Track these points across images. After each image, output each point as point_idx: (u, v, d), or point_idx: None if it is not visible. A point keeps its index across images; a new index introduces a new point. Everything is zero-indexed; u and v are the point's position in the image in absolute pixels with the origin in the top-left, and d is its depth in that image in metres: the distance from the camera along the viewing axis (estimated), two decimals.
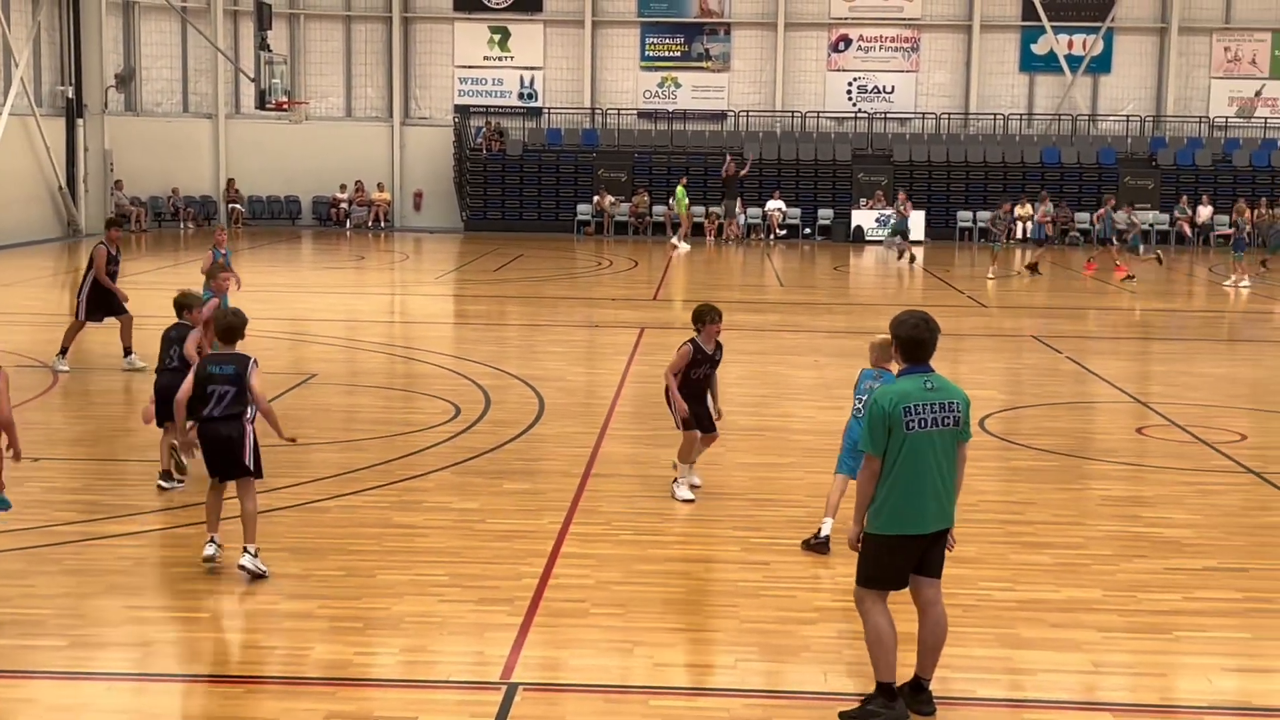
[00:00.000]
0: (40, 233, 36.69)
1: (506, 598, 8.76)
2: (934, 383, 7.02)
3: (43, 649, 7.85)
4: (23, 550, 9.64)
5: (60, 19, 38.45)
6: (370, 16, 44.18)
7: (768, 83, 43.88)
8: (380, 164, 44.11)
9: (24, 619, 8.25)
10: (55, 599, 8.61)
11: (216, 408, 9.20)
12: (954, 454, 7.10)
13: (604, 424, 14.28)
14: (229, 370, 9.23)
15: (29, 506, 10.87)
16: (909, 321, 7.06)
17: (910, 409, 6.92)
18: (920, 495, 6.98)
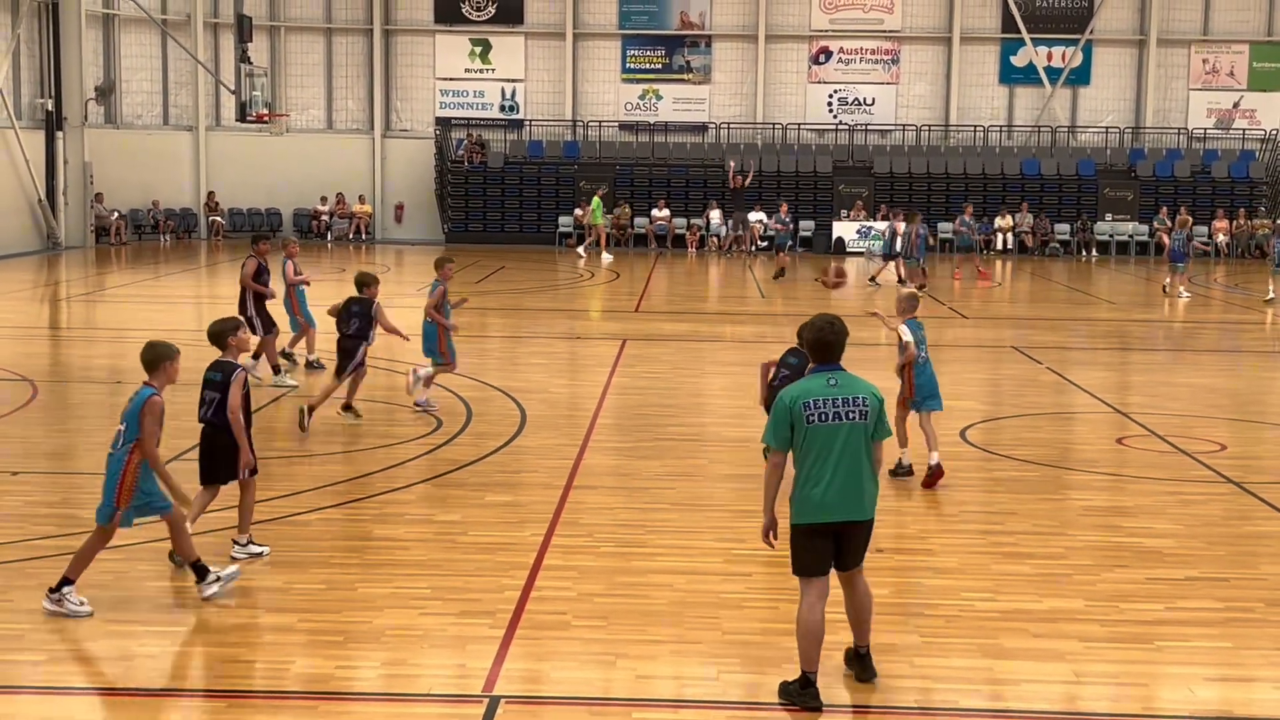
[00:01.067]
0: (19, 245, 36.55)
1: (488, 610, 8.74)
2: (838, 380, 7.39)
3: (21, 663, 7.81)
4: (1, 564, 9.59)
5: (39, 31, 38.34)
6: (351, 29, 44.17)
7: (749, 95, 43.99)
8: (361, 176, 44.08)
9: (2, 633, 8.20)
10: (34, 613, 8.56)
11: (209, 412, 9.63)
12: (864, 448, 7.39)
13: (586, 436, 14.27)
14: (216, 377, 9.65)
15: (7, 520, 10.82)
16: (815, 324, 7.53)
17: (810, 404, 7.31)
18: (823, 485, 7.31)
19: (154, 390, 8.75)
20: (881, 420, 7.45)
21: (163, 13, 42.01)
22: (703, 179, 42.66)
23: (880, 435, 7.46)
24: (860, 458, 7.36)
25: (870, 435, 7.40)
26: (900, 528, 10.70)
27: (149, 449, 8.57)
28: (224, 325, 9.92)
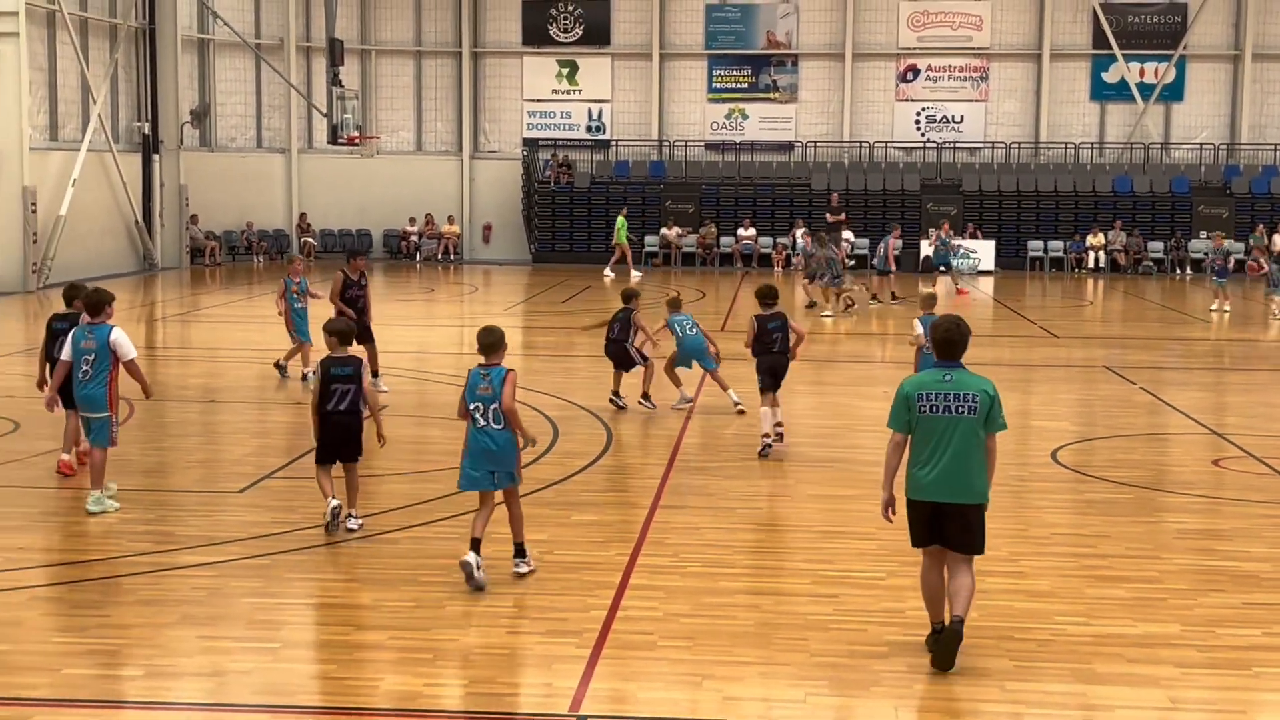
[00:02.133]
0: (117, 266, 37.30)
1: (575, 630, 8.76)
2: (953, 376, 8.23)
3: (119, 679, 7.94)
4: (99, 581, 9.78)
5: (137, 56, 39.17)
6: (440, 51, 44.65)
7: (835, 113, 43.85)
8: (450, 197, 44.51)
9: (100, 649, 8.35)
10: (131, 629, 8.71)
11: (342, 402, 10.87)
12: (972, 439, 8.15)
13: (672, 455, 14.26)
14: (348, 371, 10.93)
15: (104, 537, 11.02)
16: (944, 325, 8.39)
17: (924, 395, 8.20)
18: (927, 468, 8.17)
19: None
20: (993, 415, 8.19)
21: (257, 37, 42.75)
22: (789, 198, 42.55)
23: (992, 429, 8.20)
24: (967, 448, 8.13)
25: (980, 428, 8.14)
26: (990, 550, 10.56)
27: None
28: (350, 326, 11.62)
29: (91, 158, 35.65)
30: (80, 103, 36.05)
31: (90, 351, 11.68)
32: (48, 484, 12.80)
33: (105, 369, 11.68)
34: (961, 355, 8.32)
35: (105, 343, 11.63)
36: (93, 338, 11.71)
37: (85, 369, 11.70)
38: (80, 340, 11.75)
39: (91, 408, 11.81)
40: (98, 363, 11.66)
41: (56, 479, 12.91)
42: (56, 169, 34.29)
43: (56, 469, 13.04)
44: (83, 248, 35.19)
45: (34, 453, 14.01)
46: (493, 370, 9.97)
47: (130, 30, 38.25)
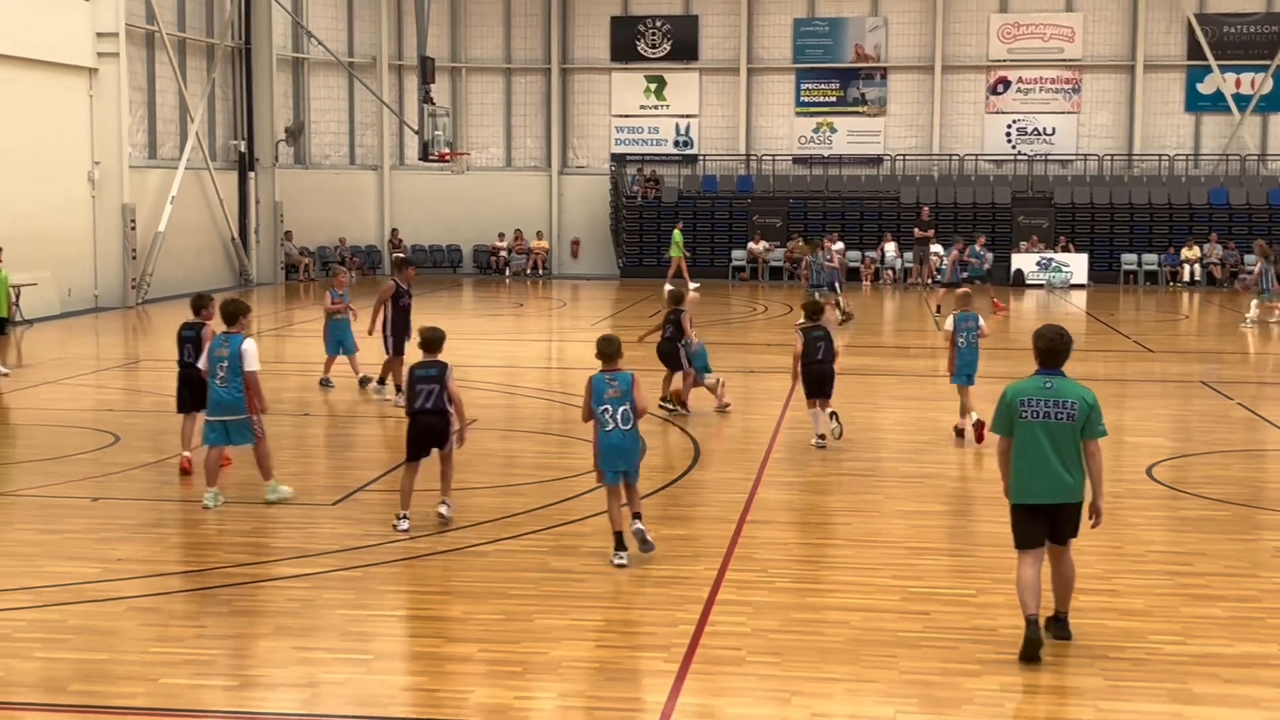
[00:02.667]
0: (214, 282, 37.94)
1: (663, 644, 8.77)
2: (1054, 384, 8.57)
3: (214, 689, 8.08)
4: (195, 592, 9.95)
5: (233, 75, 39.89)
6: (529, 69, 45.00)
7: (925, 126, 43.58)
8: (538, 212, 44.80)
9: (197, 659, 8.50)
10: (226, 640, 8.86)
11: (428, 402, 11.57)
12: (1071, 443, 8.50)
13: (760, 469, 14.24)
14: (432, 373, 11.60)
15: (202, 548, 11.23)
16: (1047, 335, 8.68)
17: (1026, 402, 8.55)
18: (1030, 473, 8.53)
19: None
20: (1091, 422, 8.54)
21: (350, 55, 43.36)
22: (878, 211, 42.34)
23: (1090, 435, 8.54)
24: (1066, 452, 8.49)
25: (1079, 434, 8.50)
26: (1083, 567, 10.43)
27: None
28: (439, 333, 12.05)
29: (189, 175, 36.33)
30: (178, 122, 36.77)
31: (224, 359, 12.37)
32: (146, 496, 13.07)
33: (239, 375, 12.34)
34: (1063, 364, 8.66)
35: (236, 351, 12.32)
36: (227, 346, 12.41)
37: (221, 375, 12.38)
38: (216, 348, 12.49)
39: (229, 411, 12.42)
40: (231, 369, 12.34)
41: (155, 489, 13.18)
42: (155, 187, 34.99)
43: (180, 468, 13.76)
44: (180, 264, 35.86)
45: (134, 465, 14.30)
46: (618, 375, 10.93)
47: (227, 50, 38.97)
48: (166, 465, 14.36)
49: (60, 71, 30.94)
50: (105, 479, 13.66)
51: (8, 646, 8.66)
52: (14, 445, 16.24)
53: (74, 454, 14.91)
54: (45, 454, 14.96)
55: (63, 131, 31.20)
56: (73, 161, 31.75)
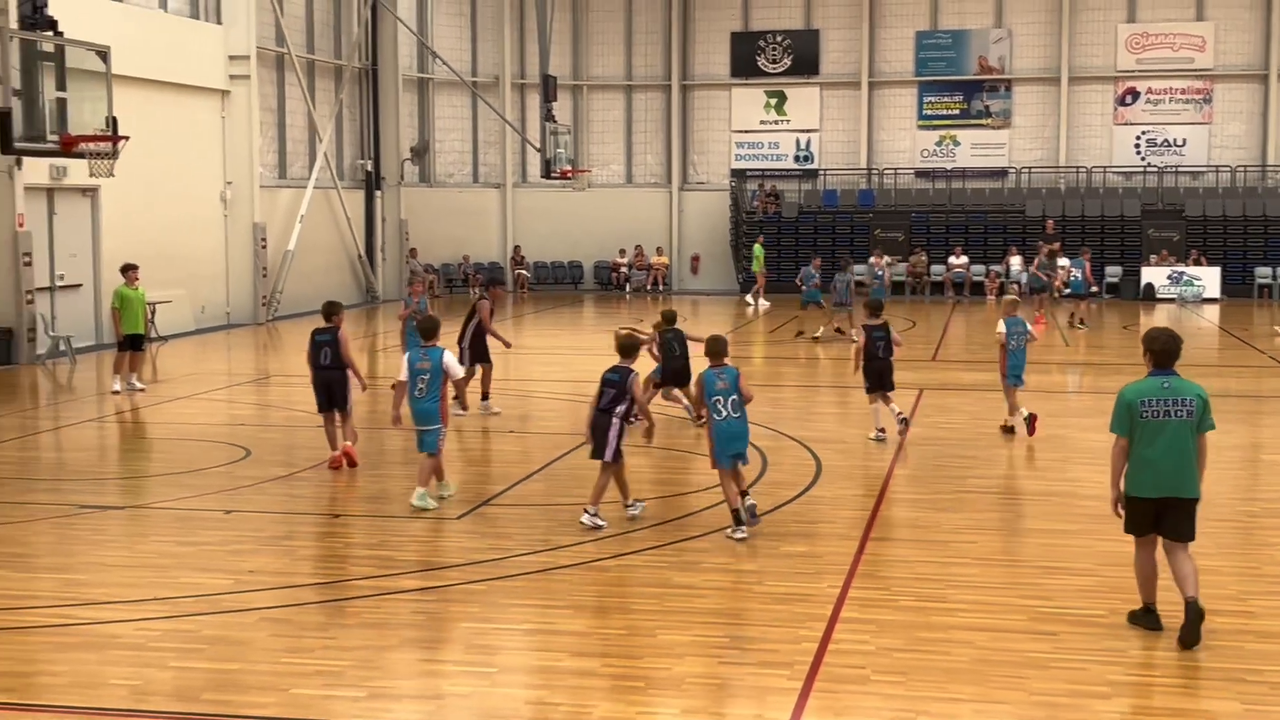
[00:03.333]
0: (340, 298, 38.16)
1: (786, 661, 8.73)
2: (1171, 383, 9.07)
3: (343, 699, 8.20)
4: (324, 604, 10.13)
5: (360, 96, 40.65)
6: (650, 85, 45.20)
7: (1051, 138, 42.94)
8: (659, 228, 44.93)
9: (325, 670, 8.64)
10: (354, 651, 8.99)
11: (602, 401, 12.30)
12: (1189, 439, 8.99)
13: (883, 486, 14.12)
14: (616, 377, 12.31)
15: (329, 561, 11.42)
16: (1161, 336, 9.22)
17: (1146, 402, 9.01)
18: (1151, 469, 8.99)
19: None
20: (1205, 416, 9.04)
21: (473, 75, 43.93)
22: (1002, 225, 41.79)
23: (1205, 428, 9.04)
24: (1185, 447, 8.97)
25: (1195, 429, 8.98)
26: (1219, 588, 10.17)
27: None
28: (636, 340, 13.04)
29: (318, 194, 37.06)
30: (307, 142, 37.55)
31: (425, 371, 13.01)
32: (277, 509, 13.33)
33: (438, 386, 13.01)
34: (1175, 364, 9.17)
35: (439, 363, 12.99)
36: (427, 359, 13.04)
37: (421, 386, 13.01)
38: (416, 361, 13.10)
39: (426, 420, 13.05)
40: (432, 380, 12.99)
41: (286, 502, 13.45)
42: (285, 206, 35.75)
43: (329, 465, 14.83)
44: (309, 281, 36.56)
45: (265, 478, 14.61)
46: (725, 370, 12.02)
47: (354, 71, 39.72)
48: (297, 479, 14.65)
49: (194, 94, 31.77)
50: (237, 492, 13.97)
51: (144, 656, 8.88)
52: (150, 459, 16.68)
53: (208, 468, 15.27)
54: (180, 468, 15.34)
55: (196, 152, 32.03)
56: (206, 182, 32.56)
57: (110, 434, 18.71)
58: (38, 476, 15.23)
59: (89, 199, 28.05)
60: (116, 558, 11.47)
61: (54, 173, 26.52)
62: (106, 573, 10.99)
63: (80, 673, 8.57)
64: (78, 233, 27.94)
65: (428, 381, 13.01)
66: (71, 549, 11.90)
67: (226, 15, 32.99)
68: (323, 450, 15.46)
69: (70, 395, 22.07)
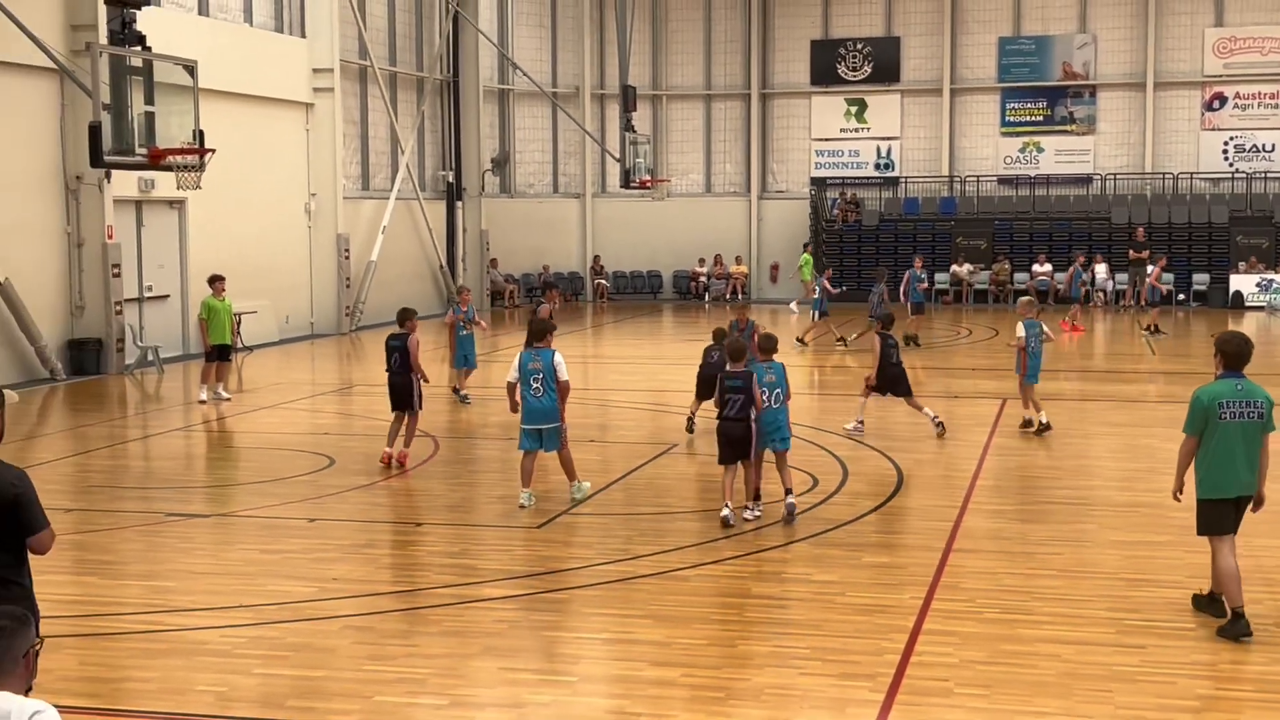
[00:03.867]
0: (422, 309, 38.57)
1: (868, 673, 8.66)
2: (1243, 385, 9.43)
3: (425, 707, 8.25)
4: (407, 611, 10.20)
5: (442, 108, 40.99)
6: (730, 94, 45.15)
7: (1136, 144, 42.34)
8: (738, 237, 44.85)
9: (408, 677, 8.70)
10: (436, 659, 9.04)
11: (732, 410, 12.72)
12: (1258, 440, 9.40)
13: (965, 497, 13.98)
14: (738, 383, 12.74)
15: (412, 569, 11.50)
16: (1234, 339, 9.59)
17: (1223, 404, 9.34)
18: (1225, 469, 9.34)
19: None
20: (1270, 417, 9.41)
21: (553, 86, 44.15)
22: (1087, 232, 41.26)
23: (1270, 429, 9.42)
24: (1251, 448, 9.37)
25: (1262, 429, 9.38)
26: None
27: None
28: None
29: (399, 205, 37.40)
30: (390, 153, 37.92)
31: (538, 372, 13.44)
32: (359, 517, 13.46)
33: (552, 385, 13.43)
34: (1245, 367, 9.52)
35: (549, 364, 13.43)
36: (539, 360, 13.47)
37: (536, 386, 13.45)
38: (528, 362, 13.50)
39: (546, 419, 13.50)
40: (546, 380, 13.43)
41: (368, 511, 13.57)
42: (368, 217, 36.11)
43: (380, 460, 15.47)
44: (391, 291, 36.82)
45: (348, 487, 14.75)
46: (773, 365, 13.22)
47: (436, 83, 40.06)
48: (379, 487, 14.78)
49: (279, 107, 32.20)
50: (321, 500, 14.12)
51: (229, 663, 9.00)
52: (236, 467, 16.91)
53: (292, 476, 15.45)
54: (265, 476, 15.53)
55: (281, 165, 32.45)
56: (290, 193, 32.98)
57: (197, 443, 18.99)
58: (126, 485, 15.48)
59: (176, 211, 28.52)
60: (203, 565, 11.64)
61: (142, 185, 26.98)
62: (193, 580, 11.15)
63: (168, 679, 8.69)
64: (165, 244, 28.41)
65: (542, 381, 13.42)
66: (159, 556, 12.08)
67: (310, 29, 33.41)
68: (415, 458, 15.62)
69: (158, 404, 22.43)
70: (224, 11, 30.47)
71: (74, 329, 25.48)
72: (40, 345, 24.23)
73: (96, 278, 25.45)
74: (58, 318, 25.21)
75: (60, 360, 24.77)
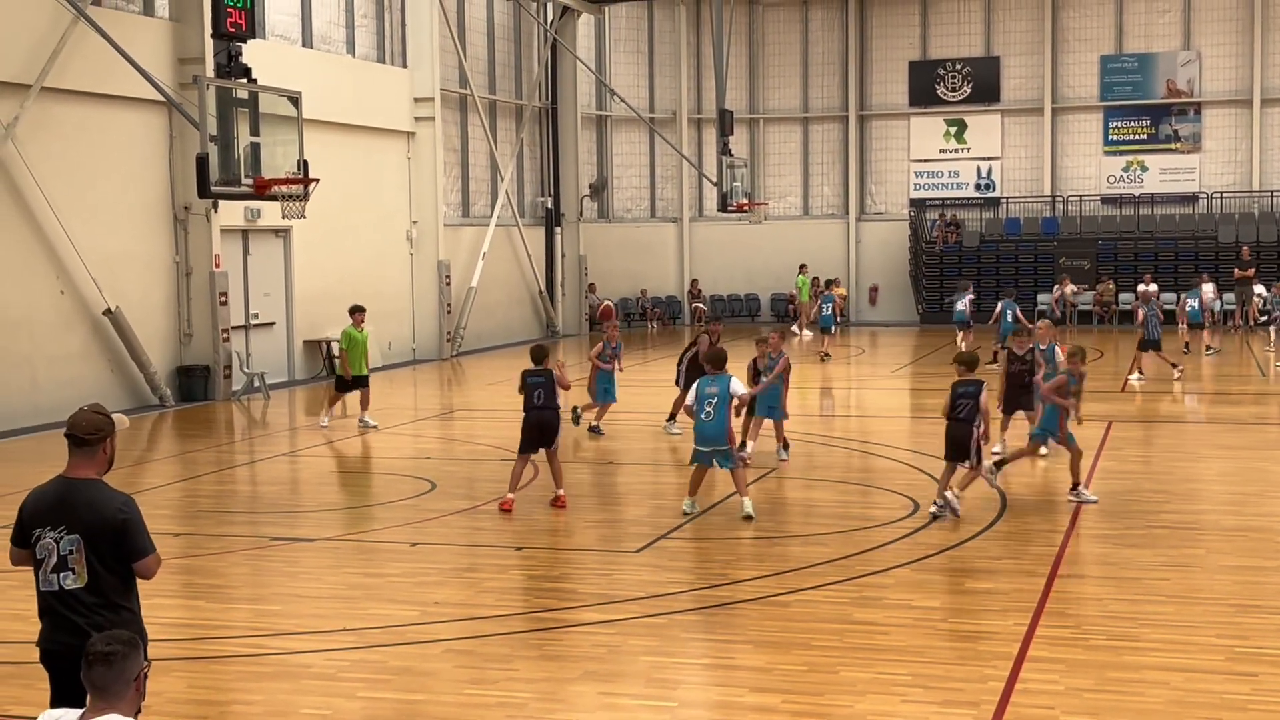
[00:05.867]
0: (522, 334, 39.24)
1: (971, 701, 8.55)
2: None
3: None
4: (508, 635, 10.25)
5: (540, 135, 41.33)
6: (827, 117, 45.04)
7: (1243, 162, 41.53)
8: (836, 259, 44.65)
9: (509, 701, 8.74)
10: (536, 683, 9.08)
11: (962, 412, 13.78)
12: None
13: (1071, 521, 13.77)
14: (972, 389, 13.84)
15: (510, 593, 11.57)
16: None
17: None
18: None
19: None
20: None
21: (650, 112, 44.34)
22: (1193, 251, 40.52)
23: None
24: None
25: None
26: None
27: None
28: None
29: (499, 232, 37.73)
30: (489, 180, 38.28)
31: (713, 396, 13.99)
32: (460, 541, 13.56)
33: (724, 410, 13.96)
34: None
35: (725, 388, 14.05)
36: (715, 384, 14.11)
37: (709, 410, 13.93)
38: (705, 386, 14.14)
39: (717, 441, 13.96)
40: (719, 405, 13.94)
41: (469, 535, 13.68)
42: (468, 243, 36.47)
43: (501, 505, 14.73)
44: (491, 317, 37.23)
45: (449, 511, 14.88)
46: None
47: (534, 110, 40.41)
48: (480, 511, 14.88)
49: (381, 136, 32.67)
50: (423, 524, 14.25)
51: (333, 686, 9.11)
52: (340, 492, 17.14)
53: (395, 500, 15.62)
54: (370, 500, 15.72)
55: (383, 193, 32.90)
56: (392, 221, 33.42)
57: (302, 468, 19.27)
58: (233, 509, 15.76)
59: (281, 239, 29.02)
60: (308, 589, 11.80)
61: (248, 215, 27.49)
62: (298, 604, 11.31)
63: (273, 701, 8.82)
64: (271, 272, 28.91)
65: (715, 405, 13.90)
66: (265, 580, 12.27)
67: (412, 58, 33.88)
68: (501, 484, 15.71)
69: (264, 430, 22.80)
70: (327, 43, 31.01)
71: (182, 356, 26.01)
72: (150, 372, 24.76)
73: (204, 306, 25.95)
74: (167, 345, 25.74)
75: (169, 387, 25.28)
